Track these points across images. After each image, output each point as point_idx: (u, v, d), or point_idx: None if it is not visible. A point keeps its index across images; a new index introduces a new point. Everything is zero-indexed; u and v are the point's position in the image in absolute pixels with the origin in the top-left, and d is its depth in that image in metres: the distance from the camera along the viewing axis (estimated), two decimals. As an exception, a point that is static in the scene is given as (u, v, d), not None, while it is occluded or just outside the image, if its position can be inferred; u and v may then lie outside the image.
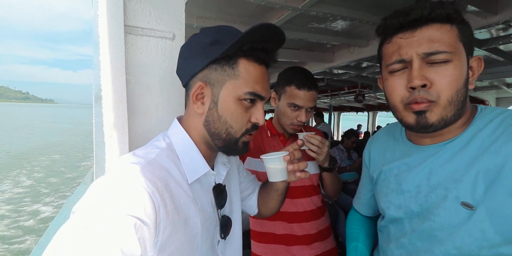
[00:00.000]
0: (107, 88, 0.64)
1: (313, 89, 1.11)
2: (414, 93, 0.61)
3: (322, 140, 1.08)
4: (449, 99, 0.60)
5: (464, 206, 0.59)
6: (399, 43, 0.62)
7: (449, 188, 0.62)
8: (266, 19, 2.52)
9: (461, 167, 0.61)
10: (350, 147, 4.09)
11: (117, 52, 0.65)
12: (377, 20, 2.35)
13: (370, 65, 4.27)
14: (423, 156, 0.69)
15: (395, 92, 0.65)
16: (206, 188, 0.66)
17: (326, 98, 8.15)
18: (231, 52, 0.59)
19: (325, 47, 3.67)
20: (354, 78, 5.54)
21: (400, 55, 0.62)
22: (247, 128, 0.63)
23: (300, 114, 1.11)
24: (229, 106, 0.61)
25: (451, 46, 0.59)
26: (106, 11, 0.63)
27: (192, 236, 0.59)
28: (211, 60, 0.60)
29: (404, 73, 0.63)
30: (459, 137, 0.64)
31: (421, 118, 0.62)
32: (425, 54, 0.59)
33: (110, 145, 0.64)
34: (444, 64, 0.59)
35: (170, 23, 0.82)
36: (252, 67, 0.61)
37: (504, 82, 4.90)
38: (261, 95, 0.62)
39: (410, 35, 0.61)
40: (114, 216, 0.45)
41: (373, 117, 10.34)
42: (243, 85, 0.60)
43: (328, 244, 1.22)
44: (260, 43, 0.60)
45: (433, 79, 0.59)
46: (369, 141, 0.91)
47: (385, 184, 0.78)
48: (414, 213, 0.68)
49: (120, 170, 0.52)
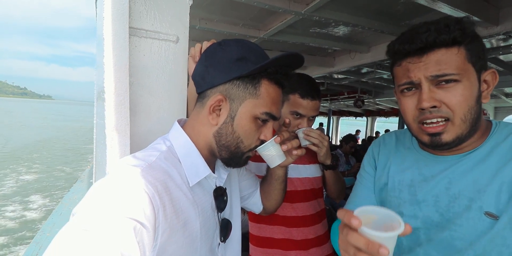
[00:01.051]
0: (110, 90, 0.63)
1: (317, 98, 1.11)
2: (425, 113, 0.63)
3: (321, 134, 1.07)
4: (463, 118, 0.61)
5: (488, 216, 0.60)
6: (407, 67, 0.64)
7: (473, 198, 0.63)
8: (269, 22, 2.54)
9: (483, 177, 0.62)
10: (348, 152, 4.09)
11: (121, 54, 0.65)
12: (379, 27, 2.38)
13: (370, 71, 4.29)
14: (442, 166, 0.69)
15: (408, 111, 0.67)
16: (206, 191, 0.66)
17: (326, 102, 8.18)
18: (257, 72, 0.61)
19: (326, 51, 3.68)
20: (354, 83, 5.57)
21: (409, 77, 0.64)
22: (256, 145, 0.67)
23: (302, 122, 1.11)
24: (245, 123, 0.63)
25: (459, 68, 0.60)
26: (111, 12, 0.63)
27: (191, 239, 0.59)
28: (235, 76, 0.61)
29: (415, 94, 0.65)
30: (479, 149, 0.66)
31: (436, 138, 0.64)
32: (433, 76, 0.61)
33: (111, 147, 0.64)
34: (454, 85, 0.60)
35: (174, 26, 0.83)
36: (272, 89, 0.64)
37: (503, 92, 4.94)
38: (275, 116, 0.65)
39: (418, 60, 0.62)
40: (114, 219, 0.45)
41: (371, 123, 10.38)
42: (261, 105, 0.63)
43: (325, 250, 1.22)
44: (283, 68, 0.64)
45: (443, 99, 0.61)
46: (376, 144, 0.89)
47: (395, 194, 0.76)
48: (434, 223, 0.68)
49: (120, 173, 0.52)
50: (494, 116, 6.19)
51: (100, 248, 0.42)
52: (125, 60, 0.66)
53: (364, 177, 0.88)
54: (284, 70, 0.64)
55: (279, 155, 0.74)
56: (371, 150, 0.89)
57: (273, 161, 0.74)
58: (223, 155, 0.65)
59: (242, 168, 0.89)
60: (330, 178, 1.19)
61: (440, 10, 1.82)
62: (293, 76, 0.68)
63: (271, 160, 0.74)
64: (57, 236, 0.43)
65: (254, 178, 0.94)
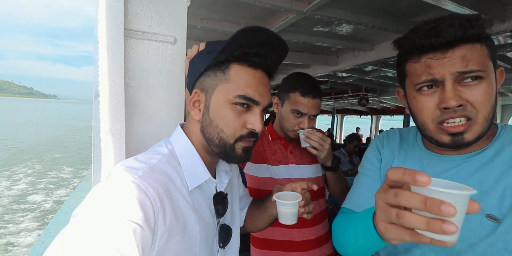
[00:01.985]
0: (105, 93, 0.63)
1: (318, 97, 1.10)
2: (449, 113, 0.60)
3: (323, 137, 1.06)
4: (486, 116, 0.60)
5: (489, 218, 0.59)
6: (428, 63, 0.60)
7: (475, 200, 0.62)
8: (271, 21, 2.52)
9: (488, 180, 0.62)
10: (352, 151, 4.07)
11: (116, 57, 0.64)
12: (382, 25, 2.34)
13: (374, 69, 4.25)
14: (445, 166, 0.68)
15: (426, 111, 0.63)
16: (206, 195, 0.65)
17: (330, 101, 8.13)
18: (222, 57, 0.60)
19: (330, 50, 3.66)
20: (358, 82, 5.52)
21: (431, 74, 0.60)
22: (241, 134, 0.62)
23: (303, 121, 1.11)
24: (220, 110, 0.60)
25: (483, 64, 0.58)
26: (106, 14, 0.62)
27: (190, 243, 0.59)
28: (205, 68, 0.61)
29: (435, 92, 0.61)
30: (485, 151, 0.65)
31: (458, 138, 0.61)
32: (459, 73, 0.58)
33: (106, 151, 0.63)
34: (478, 82, 0.58)
35: (172, 27, 0.82)
36: (244, 71, 0.61)
37: (510, 89, 4.86)
38: (253, 99, 0.60)
39: (442, 55, 0.59)
40: (114, 221, 0.45)
41: (376, 121, 10.29)
42: (233, 89, 0.60)
43: (326, 250, 1.21)
44: (254, 47, 0.60)
45: (468, 97, 0.59)
46: (380, 138, 0.87)
47: None
48: None
49: (122, 175, 0.52)
50: (501, 113, 6.09)
51: (100, 250, 0.42)
52: (120, 62, 0.65)
53: (369, 168, 0.84)
54: (254, 50, 0.60)
55: (293, 216, 0.73)
56: (376, 144, 0.86)
57: (285, 219, 0.74)
58: (215, 151, 0.63)
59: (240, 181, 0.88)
60: (332, 179, 1.18)
61: (444, 7, 1.79)
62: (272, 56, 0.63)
63: (284, 217, 0.74)
64: (57, 237, 0.43)
65: (247, 196, 0.93)
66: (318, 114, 1.13)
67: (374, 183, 0.82)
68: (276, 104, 1.19)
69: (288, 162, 1.17)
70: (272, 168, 1.16)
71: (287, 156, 1.18)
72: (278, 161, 1.17)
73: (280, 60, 0.67)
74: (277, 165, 1.16)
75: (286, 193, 0.76)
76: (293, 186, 0.78)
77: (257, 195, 1.19)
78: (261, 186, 1.17)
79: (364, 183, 0.84)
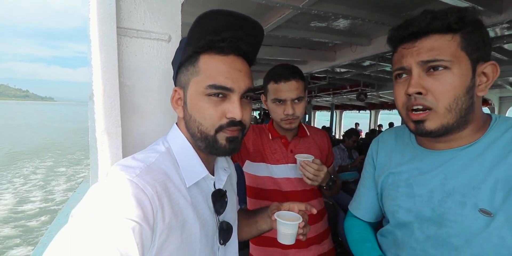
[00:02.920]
0: (99, 93, 0.62)
1: (291, 78, 1.05)
2: (411, 99, 0.64)
3: (319, 168, 1.01)
4: (447, 107, 0.61)
5: (482, 213, 0.60)
6: (401, 52, 0.65)
7: (467, 194, 0.62)
8: (267, 17, 2.50)
9: (479, 174, 0.62)
10: (351, 146, 4.07)
11: (109, 55, 0.63)
12: (379, 19, 2.33)
13: (372, 64, 4.24)
14: (437, 161, 0.69)
15: (398, 97, 0.68)
16: (204, 193, 0.65)
17: (328, 97, 8.13)
18: (190, 51, 0.58)
19: (327, 45, 3.64)
20: (357, 77, 5.52)
21: (401, 63, 0.65)
22: (221, 124, 0.59)
23: (286, 107, 1.07)
24: (195, 103, 0.59)
25: (450, 55, 0.59)
26: (98, 13, 0.61)
27: (190, 240, 0.58)
28: (178, 65, 0.61)
29: (406, 81, 0.65)
30: (476, 144, 0.65)
31: (420, 126, 0.64)
32: (423, 62, 0.61)
33: (102, 151, 0.63)
34: (443, 72, 0.60)
35: (166, 25, 0.81)
36: (213, 60, 0.59)
37: (507, 81, 4.86)
38: (225, 87, 0.58)
39: (411, 45, 0.63)
40: (113, 220, 0.44)
41: (375, 116, 10.31)
42: (203, 80, 0.58)
43: (326, 246, 1.21)
44: (220, 33, 0.57)
45: (430, 87, 0.61)
46: (375, 143, 0.89)
47: (393, 188, 0.77)
48: (425, 218, 0.68)
49: (119, 174, 0.51)
50: (499, 106, 6.10)
51: (99, 249, 0.41)
52: (114, 61, 0.65)
53: (365, 177, 0.90)
54: (220, 36, 0.57)
55: (292, 237, 0.74)
56: (370, 150, 0.89)
57: (284, 239, 0.74)
58: (201, 145, 0.62)
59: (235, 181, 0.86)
60: (325, 192, 1.17)
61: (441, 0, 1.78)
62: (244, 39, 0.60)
63: (283, 238, 0.74)
64: (55, 237, 0.43)
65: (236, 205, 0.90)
66: (302, 96, 1.08)
67: (370, 192, 0.88)
68: (264, 101, 1.18)
69: (288, 161, 1.16)
70: (271, 167, 1.15)
71: (287, 155, 1.17)
72: (277, 160, 1.16)
73: (257, 42, 0.64)
74: (276, 165, 1.15)
75: (286, 212, 0.76)
76: (291, 206, 0.78)
77: (255, 193, 1.19)
78: (259, 184, 1.17)
79: (363, 192, 0.91)
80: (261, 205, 1.17)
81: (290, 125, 1.11)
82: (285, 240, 0.74)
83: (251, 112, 0.66)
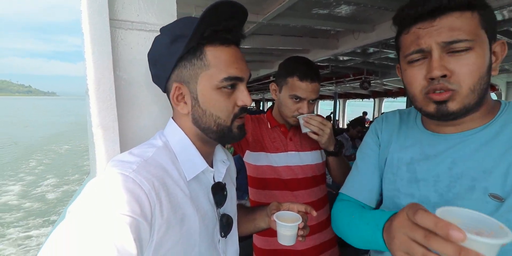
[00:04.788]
0: (93, 87, 0.61)
1: (316, 80, 1.06)
2: (434, 83, 0.59)
3: (323, 121, 1.04)
4: (471, 88, 0.58)
5: (492, 197, 0.58)
6: (417, 33, 0.60)
7: (477, 178, 0.61)
8: (266, 5, 2.44)
9: (491, 157, 0.60)
10: (355, 136, 4.05)
11: (103, 48, 0.62)
12: (383, 4, 2.26)
13: (376, 51, 4.15)
14: (445, 145, 0.67)
15: (415, 82, 0.63)
16: (204, 186, 0.65)
17: (331, 86, 8.04)
18: (194, 44, 0.56)
19: (329, 33, 3.56)
20: (360, 65, 5.42)
21: (419, 45, 0.60)
22: (235, 113, 0.61)
23: (302, 106, 1.08)
24: (210, 98, 0.59)
25: (473, 34, 0.56)
26: (89, 5, 0.59)
27: (189, 234, 0.59)
28: (177, 59, 0.57)
29: (423, 64, 0.61)
30: (486, 128, 0.63)
31: (442, 106, 0.60)
32: (445, 43, 0.57)
33: (99, 146, 0.63)
34: (466, 52, 0.57)
35: (161, 16, 0.79)
36: (220, 52, 0.58)
37: (515, 66, 4.74)
38: (238, 77, 0.59)
39: (429, 24, 0.58)
40: (110, 216, 0.45)
41: (379, 104, 10.21)
42: (217, 73, 0.58)
43: (327, 234, 1.22)
44: (222, 24, 0.56)
45: (454, 68, 0.57)
46: (379, 121, 0.86)
47: (392, 171, 0.75)
48: (431, 203, 0.66)
49: (116, 170, 0.51)
50: (506, 91, 5.98)
51: (96, 245, 0.41)
52: (108, 54, 0.63)
53: (368, 154, 0.84)
54: (223, 26, 0.57)
55: (292, 238, 0.73)
56: (374, 128, 0.86)
57: (284, 240, 0.73)
58: (213, 137, 0.62)
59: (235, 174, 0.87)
60: (333, 164, 1.17)
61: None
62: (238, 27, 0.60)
63: (283, 239, 0.73)
64: (52, 234, 0.43)
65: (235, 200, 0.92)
66: (318, 98, 1.11)
67: (374, 169, 0.82)
68: (274, 90, 1.16)
69: (287, 149, 1.16)
70: (270, 156, 1.15)
71: (287, 143, 1.16)
72: (276, 149, 1.16)
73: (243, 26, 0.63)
74: (275, 153, 1.15)
75: (285, 212, 0.76)
76: (290, 206, 0.78)
77: (256, 183, 1.19)
78: (259, 174, 1.17)
79: (364, 170, 0.84)
80: (262, 194, 1.18)
81: (296, 122, 1.11)
82: (285, 241, 0.74)
83: None
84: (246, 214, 0.87)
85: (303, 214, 0.77)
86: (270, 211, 0.78)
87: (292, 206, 0.78)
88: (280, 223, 0.70)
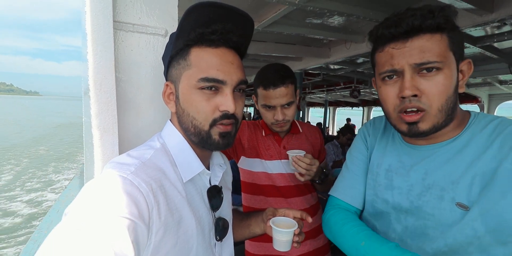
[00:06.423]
0: (95, 88, 0.61)
1: (280, 85, 1.03)
2: (405, 102, 0.63)
3: (311, 162, 1.01)
4: (439, 108, 0.62)
5: (459, 206, 0.62)
6: (391, 52, 0.63)
7: (446, 189, 0.64)
8: (262, 13, 2.49)
9: (458, 169, 0.63)
10: (345, 143, 4.11)
11: (106, 50, 0.62)
12: (374, 16, 2.34)
13: (366, 61, 4.26)
14: (419, 156, 0.70)
15: (388, 100, 0.66)
16: (200, 189, 0.65)
17: (322, 93, 8.16)
18: (181, 45, 0.57)
19: (322, 42, 3.65)
20: (350, 74, 5.55)
21: (392, 65, 0.63)
22: (214, 118, 0.58)
23: (275, 113, 1.07)
24: (188, 97, 0.58)
25: (441, 55, 0.60)
26: (94, 6, 0.59)
27: (186, 237, 0.58)
28: (169, 59, 0.60)
29: (396, 82, 0.64)
30: (456, 140, 0.66)
31: (413, 127, 0.64)
32: (417, 64, 0.60)
33: (98, 147, 0.62)
34: (435, 72, 0.60)
35: (163, 19, 0.80)
36: (204, 53, 0.58)
37: (497, 79, 4.95)
38: (217, 79, 0.57)
39: (402, 45, 0.62)
40: (107, 218, 0.44)
41: (368, 112, 10.40)
42: (196, 73, 0.57)
43: (320, 241, 1.23)
44: (210, 25, 0.56)
45: (424, 89, 0.61)
46: (368, 126, 0.88)
47: (372, 177, 0.78)
48: (403, 209, 0.70)
49: (114, 171, 0.50)
50: (488, 103, 6.22)
51: (93, 248, 0.41)
52: (111, 56, 0.63)
53: (359, 158, 0.85)
54: (211, 29, 0.56)
55: (288, 244, 0.73)
56: (363, 132, 0.88)
57: (279, 246, 0.74)
58: (194, 140, 0.61)
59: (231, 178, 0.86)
60: (319, 187, 1.19)
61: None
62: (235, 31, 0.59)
63: (278, 245, 0.74)
64: (48, 236, 0.42)
65: None
66: (292, 101, 1.07)
67: (362, 172, 0.84)
68: (255, 102, 1.17)
69: (281, 157, 1.16)
70: (265, 163, 1.16)
71: (280, 151, 1.17)
72: (271, 156, 1.16)
73: (247, 34, 0.64)
74: (270, 160, 1.16)
75: (281, 218, 0.76)
76: (286, 212, 0.78)
77: (250, 189, 1.20)
78: (254, 180, 1.17)
79: (353, 172, 0.85)
80: (256, 200, 1.18)
81: (281, 128, 1.11)
82: (280, 247, 0.74)
83: (243, 105, 0.65)
84: (241, 219, 0.87)
85: (299, 220, 0.77)
86: (266, 217, 0.78)
87: (287, 212, 0.78)
88: (276, 228, 0.71)
